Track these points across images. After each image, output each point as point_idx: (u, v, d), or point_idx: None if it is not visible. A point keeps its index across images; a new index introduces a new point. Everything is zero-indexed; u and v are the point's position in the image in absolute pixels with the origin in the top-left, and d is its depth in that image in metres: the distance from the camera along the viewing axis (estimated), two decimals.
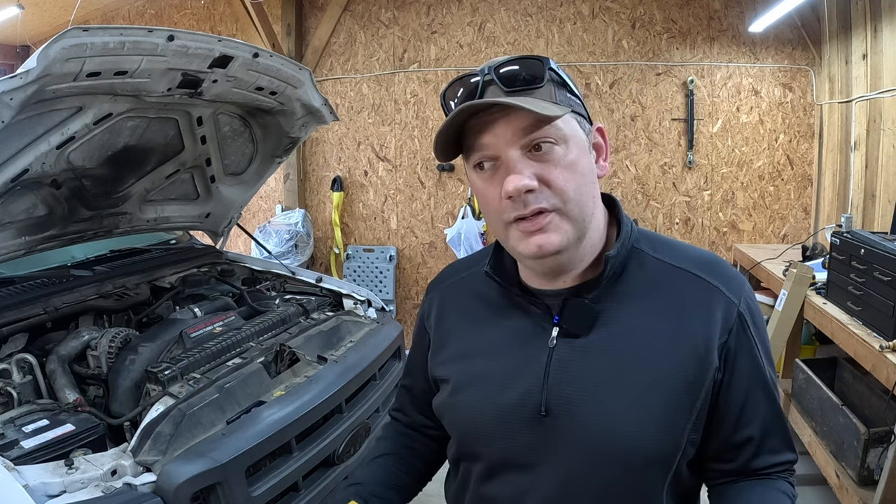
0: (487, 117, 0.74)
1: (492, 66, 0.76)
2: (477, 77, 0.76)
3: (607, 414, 0.77)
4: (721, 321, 0.79)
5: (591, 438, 0.78)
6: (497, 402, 0.83)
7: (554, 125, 0.74)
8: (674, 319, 0.79)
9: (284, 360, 1.84)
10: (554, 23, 3.92)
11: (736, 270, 0.86)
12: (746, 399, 0.80)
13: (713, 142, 3.79)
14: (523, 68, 0.75)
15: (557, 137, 0.75)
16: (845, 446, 2.04)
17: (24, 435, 1.39)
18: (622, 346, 0.79)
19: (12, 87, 1.39)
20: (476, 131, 0.76)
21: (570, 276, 0.83)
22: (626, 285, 0.82)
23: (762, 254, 3.25)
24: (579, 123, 0.78)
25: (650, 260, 0.83)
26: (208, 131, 2.23)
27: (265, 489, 1.49)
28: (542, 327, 0.83)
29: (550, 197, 0.74)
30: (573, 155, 0.76)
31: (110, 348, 1.76)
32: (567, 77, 0.80)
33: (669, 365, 0.77)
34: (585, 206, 0.78)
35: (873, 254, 1.97)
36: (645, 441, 0.76)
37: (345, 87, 4.36)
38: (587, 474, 0.79)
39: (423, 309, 1.01)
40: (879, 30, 2.87)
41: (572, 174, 0.75)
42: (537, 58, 0.76)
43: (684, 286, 0.81)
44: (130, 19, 4.85)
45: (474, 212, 4.09)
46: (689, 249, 0.86)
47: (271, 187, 4.62)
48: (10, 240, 1.87)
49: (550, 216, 0.75)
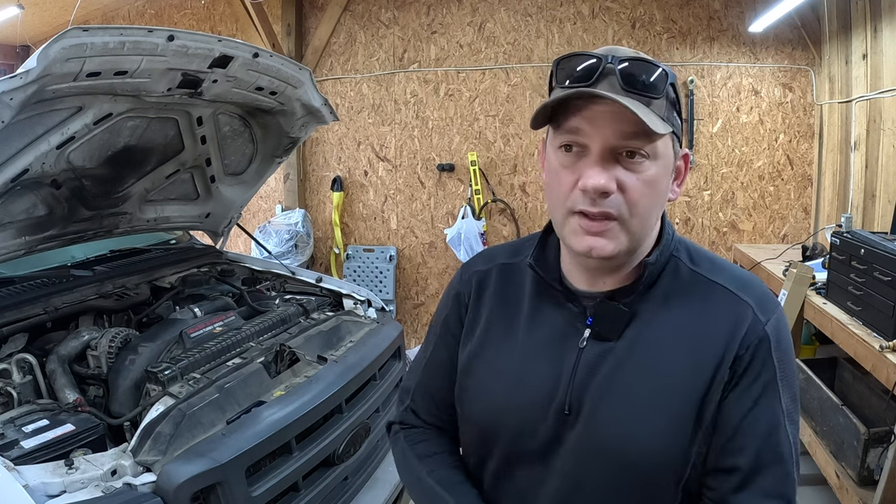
0: (595, 105, 0.73)
1: (617, 57, 0.74)
2: (598, 60, 0.74)
3: (625, 419, 0.77)
4: (742, 337, 0.77)
5: (607, 441, 0.78)
6: (521, 395, 0.83)
7: (653, 141, 0.74)
8: (699, 331, 0.78)
9: (284, 360, 1.84)
10: (554, 23, 3.91)
11: (772, 293, 0.84)
12: (745, 421, 0.76)
13: (713, 142, 3.79)
14: (647, 73, 0.74)
15: (651, 153, 0.74)
16: (845, 446, 2.04)
17: (24, 435, 1.39)
18: (647, 353, 0.79)
19: (12, 87, 1.39)
20: (577, 113, 0.74)
21: (612, 279, 0.83)
22: (661, 294, 0.82)
23: (762, 254, 3.25)
24: (673, 144, 0.78)
25: (686, 270, 0.83)
26: (208, 131, 2.23)
27: (265, 489, 1.49)
28: (575, 327, 0.83)
29: (622, 205, 0.74)
30: (658, 173, 0.76)
31: (110, 348, 1.76)
32: (678, 97, 0.79)
33: (688, 377, 0.77)
34: (647, 223, 0.78)
35: (873, 254, 1.97)
36: (657, 449, 0.76)
37: (345, 87, 4.36)
38: (598, 477, 0.79)
39: (460, 288, 0.97)
40: (879, 30, 2.87)
41: (650, 190, 0.75)
42: (663, 69, 0.75)
43: (715, 299, 0.80)
44: (130, 19, 4.85)
45: (474, 212, 4.09)
46: (729, 267, 0.85)
47: (271, 187, 4.62)
48: (10, 240, 1.87)
49: (613, 224, 0.75)
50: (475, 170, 4.05)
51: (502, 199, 4.13)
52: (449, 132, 4.19)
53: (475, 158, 4.06)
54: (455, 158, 4.19)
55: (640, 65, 0.74)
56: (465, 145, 4.16)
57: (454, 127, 4.17)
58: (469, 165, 4.07)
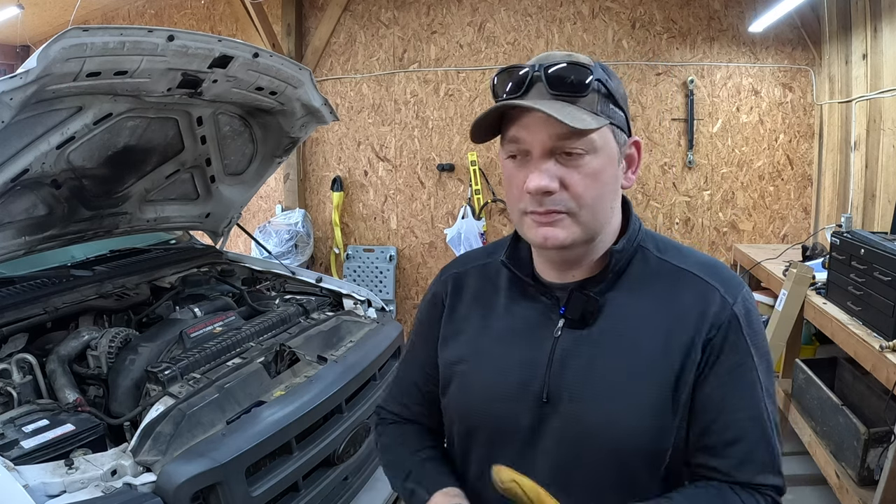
0: (528, 114, 0.78)
1: (543, 65, 0.78)
2: (526, 70, 0.79)
3: (602, 404, 0.81)
4: (712, 318, 0.81)
5: (586, 427, 0.81)
6: (502, 385, 0.86)
7: (586, 136, 0.77)
8: (669, 315, 0.82)
9: (284, 360, 1.84)
10: (554, 23, 3.92)
11: (737, 275, 0.87)
12: (724, 399, 0.79)
13: (713, 142, 3.79)
14: (572, 73, 0.77)
15: (588, 148, 0.78)
16: (845, 446, 2.04)
17: (24, 435, 1.39)
18: (620, 339, 0.82)
19: (12, 87, 1.39)
20: (515, 123, 0.80)
21: (580, 270, 0.86)
22: (629, 281, 0.85)
23: (762, 254, 3.25)
24: (615, 135, 0.81)
25: (654, 259, 0.87)
26: (208, 131, 2.23)
27: (265, 489, 1.49)
28: (549, 317, 0.87)
29: (567, 201, 0.78)
30: (599, 165, 0.79)
31: (110, 348, 1.76)
32: (615, 88, 0.81)
33: (661, 359, 0.80)
34: (600, 213, 0.81)
35: (873, 254, 1.97)
36: (635, 432, 0.79)
37: (345, 87, 4.36)
38: (579, 462, 0.82)
39: (436, 288, 1.02)
40: (879, 30, 2.87)
41: (594, 183, 0.79)
42: (586, 66, 0.78)
43: (683, 284, 0.84)
44: (130, 19, 4.85)
45: (474, 212, 4.09)
46: (694, 253, 0.89)
47: (271, 187, 4.62)
48: (10, 240, 1.87)
49: (562, 216, 0.79)
50: (475, 170, 4.05)
51: (502, 199, 4.13)
52: (449, 132, 4.19)
53: (475, 158, 4.06)
54: (455, 158, 4.19)
55: (566, 68, 0.78)
56: (465, 145, 4.16)
57: (454, 127, 4.17)
58: (469, 165, 4.07)
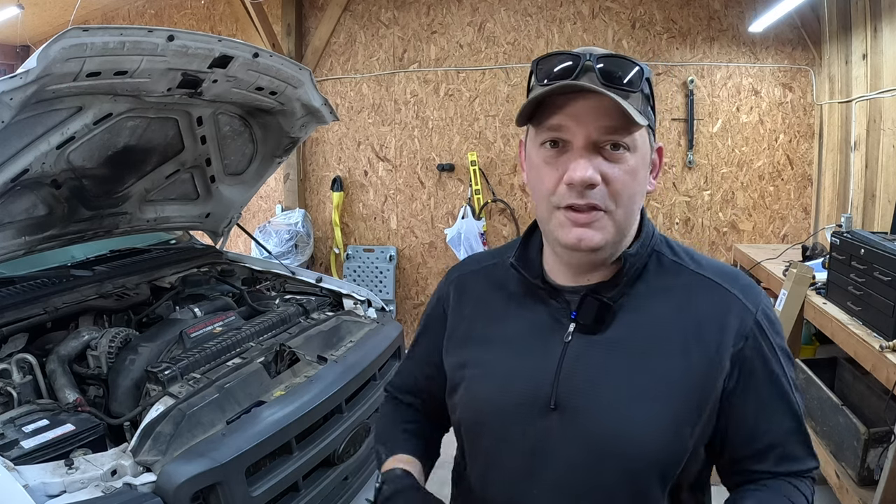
0: (576, 101, 0.75)
1: (595, 55, 0.76)
2: (578, 57, 0.76)
3: (613, 412, 0.78)
4: (736, 328, 0.79)
5: (595, 435, 0.78)
6: (509, 390, 0.84)
7: (633, 133, 0.76)
8: (688, 322, 0.80)
9: (284, 360, 1.84)
10: (554, 23, 3.91)
11: (755, 283, 0.86)
12: (764, 407, 0.80)
13: (713, 142, 3.79)
14: (623, 69, 0.76)
15: (631, 145, 0.77)
16: (845, 446, 2.04)
17: (24, 435, 1.39)
18: (635, 345, 0.80)
19: (12, 87, 1.39)
20: (559, 110, 0.76)
21: (595, 274, 0.84)
22: (645, 286, 0.83)
23: (762, 254, 3.25)
24: (649, 138, 0.81)
25: (669, 263, 0.85)
26: (208, 131, 2.23)
27: (265, 489, 1.49)
28: (559, 322, 0.84)
29: (606, 197, 0.76)
30: (637, 164, 0.78)
31: (110, 348, 1.76)
32: (652, 92, 0.81)
33: (680, 368, 0.78)
34: (631, 214, 0.80)
35: (873, 254, 1.97)
36: (647, 442, 0.76)
37: (345, 87, 4.36)
38: (587, 470, 0.79)
39: (441, 292, 1.00)
40: (879, 30, 2.87)
41: (632, 181, 0.78)
42: (639, 64, 0.78)
43: (701, 291, 0.82)
44: (130, 19, 4.85)
45: (474, 212, 4.08)
46: (710, 260, 0.88)
47: (271, 187, 4.62)
48: (10, 240, 1.87)
49: (600, 214, 0.77)
50: (475, 170, 4.05)
51: (502, 199, 4.13)
52: (449, 132, 4.19)
53: (475, 158, 4.06)
54: (455, 158, 4.19)
55: (617, 61, 0.76)
56: (465, 145, 4.16)
57: (454, 127, 4.17)
58: (469, 165, 4.07)
